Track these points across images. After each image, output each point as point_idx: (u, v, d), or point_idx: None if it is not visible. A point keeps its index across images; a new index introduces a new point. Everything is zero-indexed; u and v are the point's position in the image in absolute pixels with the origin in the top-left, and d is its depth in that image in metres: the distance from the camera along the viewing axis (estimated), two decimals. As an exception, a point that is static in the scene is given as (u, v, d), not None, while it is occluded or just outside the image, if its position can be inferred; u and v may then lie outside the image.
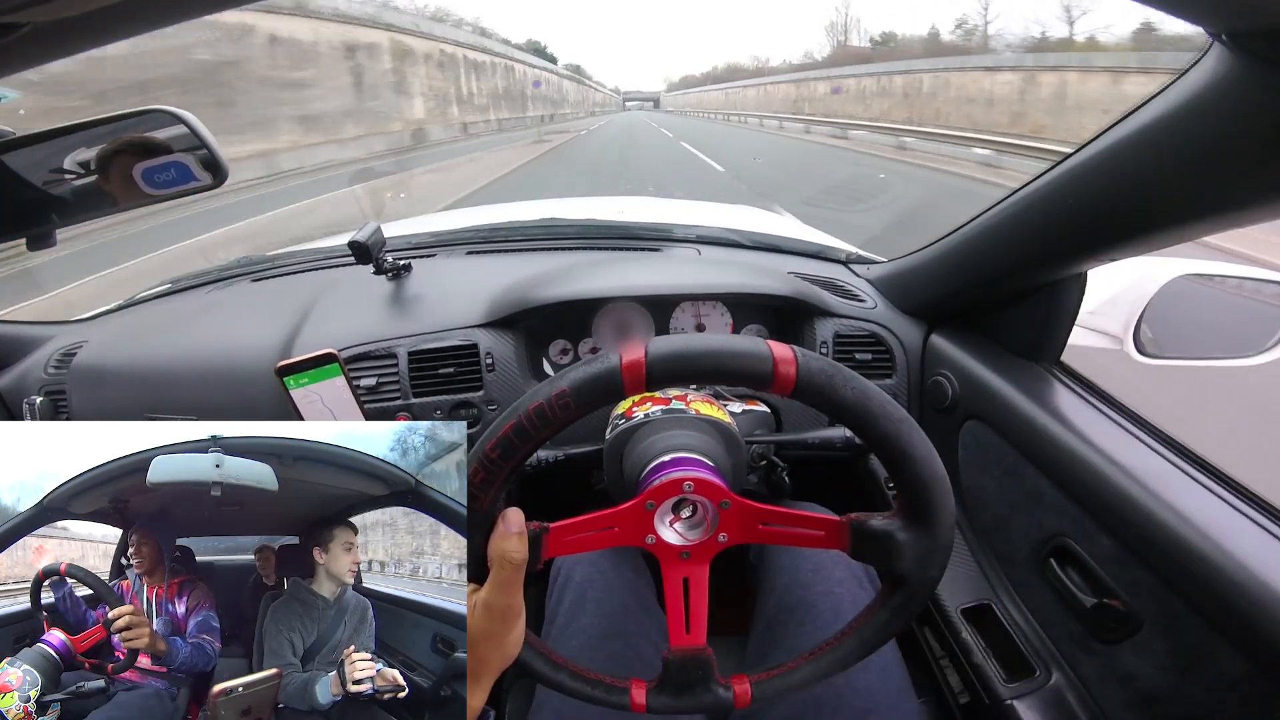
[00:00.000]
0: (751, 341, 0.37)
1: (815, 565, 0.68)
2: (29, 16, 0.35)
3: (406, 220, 1.56)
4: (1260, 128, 0.41)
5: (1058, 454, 0.64)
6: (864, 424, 0.37)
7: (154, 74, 9.63)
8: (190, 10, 0.43)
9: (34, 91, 7.28)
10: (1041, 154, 9.72)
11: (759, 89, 61.77)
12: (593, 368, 0.37)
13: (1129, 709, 0.56)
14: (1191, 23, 0.42)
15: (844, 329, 0.90)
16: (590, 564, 0.71)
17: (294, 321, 0.90)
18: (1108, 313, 0.79)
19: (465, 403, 0.86)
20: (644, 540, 0.44)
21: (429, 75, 20.18)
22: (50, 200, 0.58)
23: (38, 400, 0.91)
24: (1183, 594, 0.51)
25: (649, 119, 47.23)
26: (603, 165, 12.52)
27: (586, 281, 0.90)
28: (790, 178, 10.12)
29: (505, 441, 0.38)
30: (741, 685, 0.45)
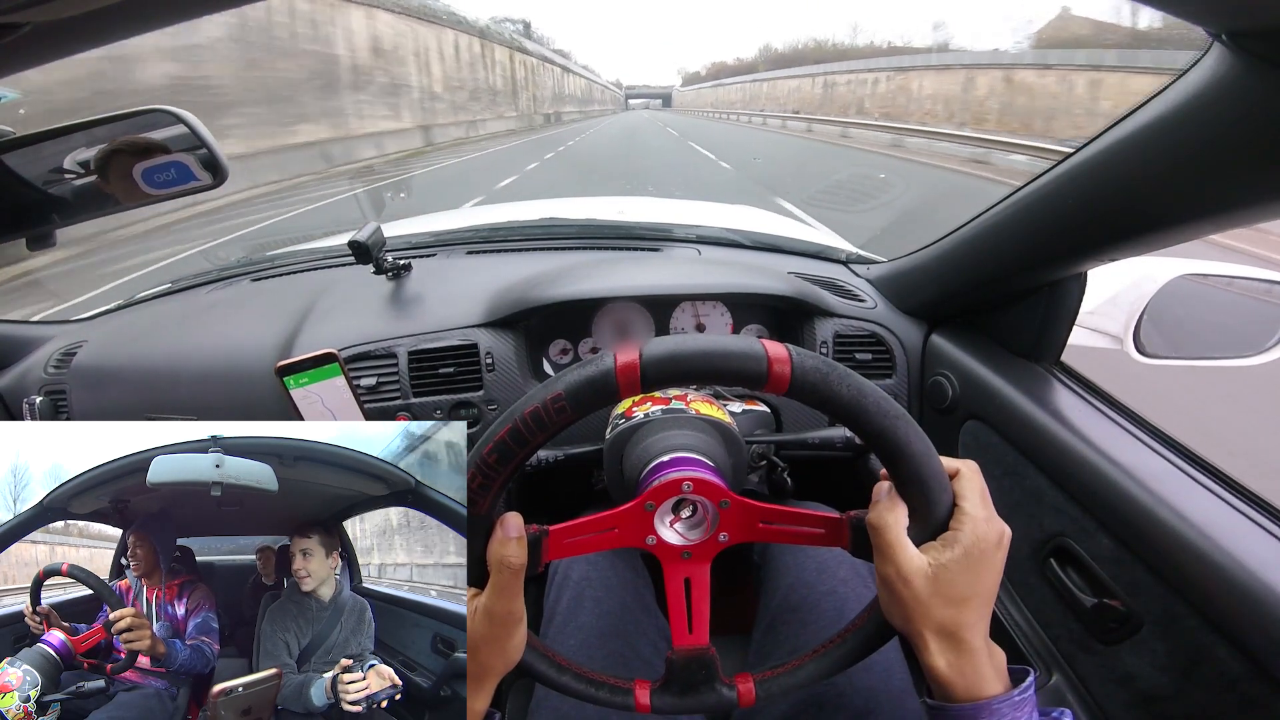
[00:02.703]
0: (746, 341, 0.37)
1: (819, 564, 0.68)
2: (29, 16, 0.35)
3: (406, 220, 1.56)
4: (1260, 128, 0.41)
5: (1058, 454, 0.64)
6: (860, 421, 0.37)
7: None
8: (190, 10, 0.43)
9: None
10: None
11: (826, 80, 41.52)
12: (587, 370, 0.37)
13: (1129, 709, 0.56)
14: (1191, 23, 0.42)
15: (844, 329, 0.90)
16: (588, 563, 0.71)
17: (294, 321, 0.90)
18: (1108, 313, 0.79)
19: (465, 403, 0.86)
20: (644, 541, 0.44)
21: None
22: (50, 200, 0.58)
23: (38, 400, 0.91)
24: (1183, 594, 0.51)
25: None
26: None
27: (586, 281, 0.90)
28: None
29: (502, 446, 0.38)
30: (745, 684, 0.45)
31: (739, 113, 44.73)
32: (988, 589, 0.40)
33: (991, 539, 0.39)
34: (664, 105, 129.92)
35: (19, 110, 5.39)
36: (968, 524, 0.39)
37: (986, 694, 0.39)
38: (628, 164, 12.65)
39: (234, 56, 11.18)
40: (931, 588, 0.38)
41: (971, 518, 0.39)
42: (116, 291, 4.23)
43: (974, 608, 0.39)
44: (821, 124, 24.55)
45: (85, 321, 1.09)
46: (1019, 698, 0.38)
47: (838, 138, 19.66)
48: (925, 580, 0.39)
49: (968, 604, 0.39)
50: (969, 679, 0.39)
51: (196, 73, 10.18)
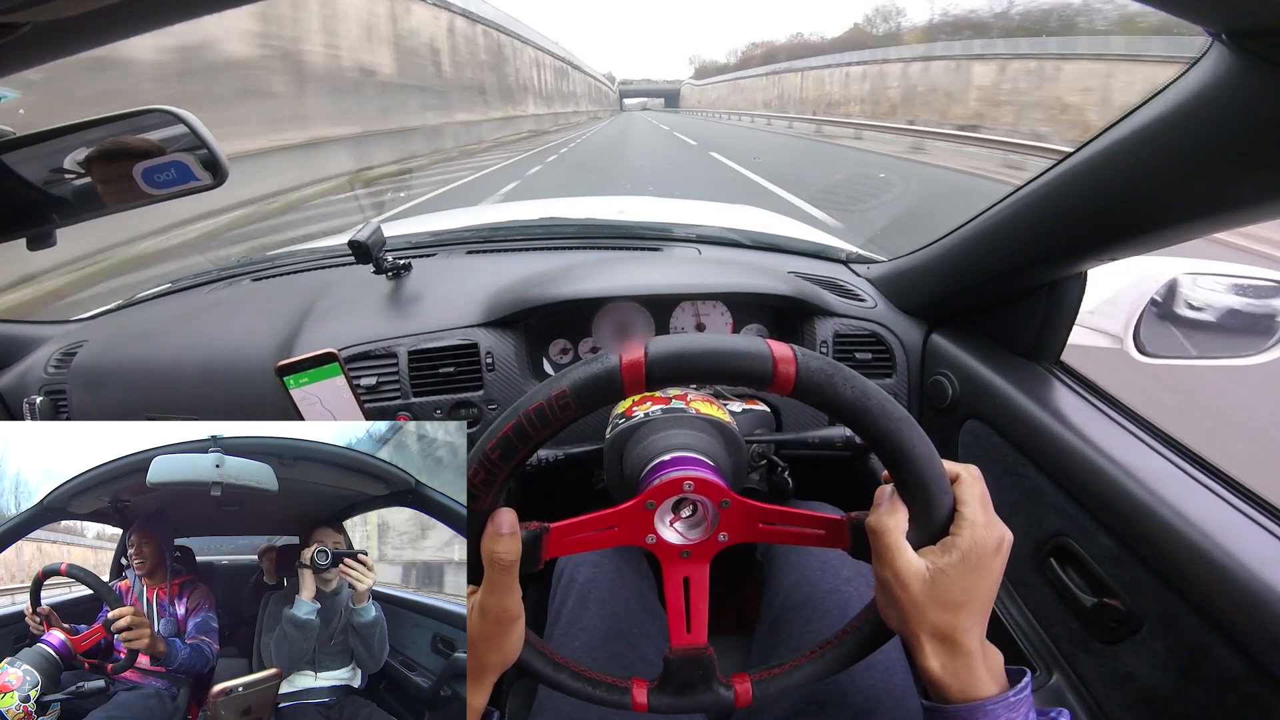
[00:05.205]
0: (751, 341, 0.37)
1: (822, 563, 0.68)
2: (29, 16, 0.35)
3: (406, 220, 1.56)
4: (1260, 128, 0.41)
5: (1058, 453, 0.64)
6: (864, 423, 0.37)
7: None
8: (190, 10, 0.43)
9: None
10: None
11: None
12: (592, 368, 0.37)
13: (1129, 709, 0.56)
14: (1192, 22, 0.42)
15: (844, 328, 0.90)
16: (593, 565, 0.71)
17: (294, 321, 0.90)
18: (1108, 312, 0.79)
19: (465, 402, 0.86)
20: (644, 540, 0.44)
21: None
22: (50, 200, 0.58)
23: (38, 400, 0.91)
24: (1183, 594, 0.51)
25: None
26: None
27: (587, 281, 0.90)
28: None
29: (505, 442, 0.38)
30: (742, 684, 0.45)
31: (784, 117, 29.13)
32: (985, 594, 0.40)
33: (990, 544, 0.39)
34: (666, 105, 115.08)
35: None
36: (967, 529, 0.39)
37: (981, 695, 0.39)
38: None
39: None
40: (929, 591, 0.39)
41: (971, 523, 0.39)
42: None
43: (971, 612, 0.39)
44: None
45: (85, 321, 1.09)
46: (1014, 698, 0.39)
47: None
48: (923, 584, 0.39)
49: (964, 608, 0.39)
50: (963, 681, 0.39)
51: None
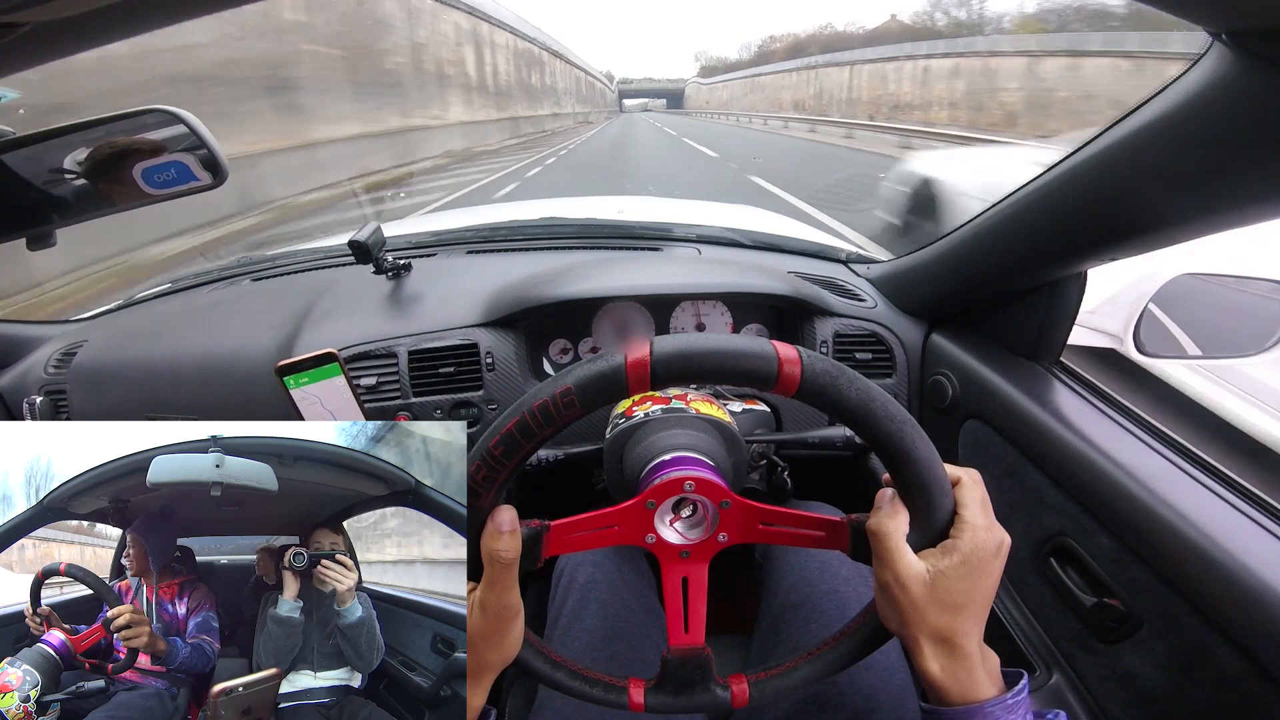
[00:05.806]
0: (756, 342, 0.37)
1: (822, 563, 0.68)
2: (29, 16, 0.35)
3: (406, 219, 1.56)
4: (1260, 128, 0.41)
5: (1058, 453, 0.64)
6: (867, 425, 0.37)
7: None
8: (190, 10, 0.43)
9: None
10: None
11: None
12: (597, 366, 0.37)
13: (1129, 708, 0.56)
14: (1191, 22, 0.42)
15: (844, 328, 0.90)
16: (593, 565, 0.71)
17: (294, 321, 0.90)
18: (1108, 312, 0.79)
19: (465, 402, 0.86)
20: (644, 539, 0.44)
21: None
22: (50, 200, 0.58)
23: (38, 400, 0.91)
24: (1183, 594, 0.51)
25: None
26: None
27: (587, 281, 0.90)
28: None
29: (509, 438, 0.38)
30: (740, 685, 0.45)
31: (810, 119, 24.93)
32: (984, 596, 0.40)
33: (990, 548, 0.39)
34: (669, 106, 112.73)
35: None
36: (967, 532, 0.39)
37: (979, 697, 0.39)
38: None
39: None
40: (929, 594, 0.39)
41: (971, 526, 0.39)
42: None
43: (969, 615, 0.39)
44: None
45: (85, 321, 1.09)
46: (1012, 700, 0.39)
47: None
48: (923, 587, 0.39)
49: (963, 611, 0.39)
50: (962, 683, 0.39)
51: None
